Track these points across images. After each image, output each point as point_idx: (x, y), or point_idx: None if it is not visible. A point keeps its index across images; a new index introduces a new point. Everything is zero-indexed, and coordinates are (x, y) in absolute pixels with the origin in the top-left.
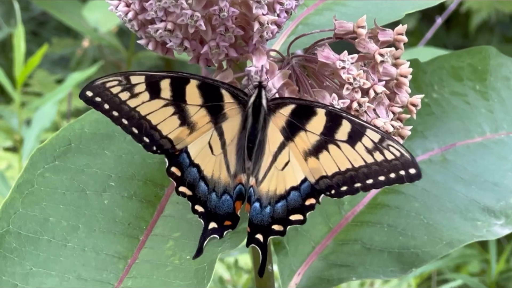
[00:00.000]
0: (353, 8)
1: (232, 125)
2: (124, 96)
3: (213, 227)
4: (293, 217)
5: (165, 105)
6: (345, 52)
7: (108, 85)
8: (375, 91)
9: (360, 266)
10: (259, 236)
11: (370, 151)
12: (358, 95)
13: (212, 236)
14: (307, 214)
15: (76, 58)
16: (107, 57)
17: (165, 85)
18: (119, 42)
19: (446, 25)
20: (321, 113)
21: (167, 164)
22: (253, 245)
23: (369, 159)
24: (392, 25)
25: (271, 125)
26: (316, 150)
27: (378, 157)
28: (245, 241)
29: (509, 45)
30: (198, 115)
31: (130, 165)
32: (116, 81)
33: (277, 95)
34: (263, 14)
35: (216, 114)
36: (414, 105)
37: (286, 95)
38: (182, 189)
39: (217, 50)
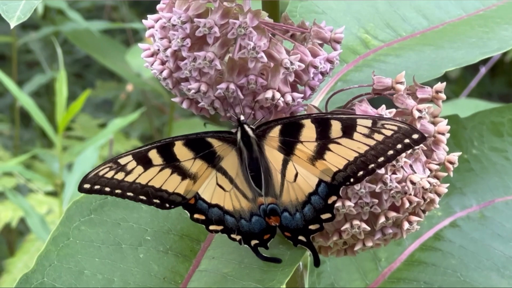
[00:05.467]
0: (393, 65)
1: (230, 162)
2: (120, 176)
3: (256, 243)
4: (323, 216)
5: (161, 170)
6: (383, 106)
7: (101, 173)
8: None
9: None
10: (302, 238)
11: (369, 136)
12: None
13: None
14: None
15: (120, 102)
16: (150, 101)
17: (153, 155)
18: (162, 87)
19: (491, 73)
20: (308, 123)
21: (188, 214)
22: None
23: (371, 142)
24: (434, 81)
25: (267, 148)
26: (319, 154)
27: (379, 137)
28: None
29: None
30: (196, 166)
31: (166, 220)
32: (107, 168)
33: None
34: (294, 88)
35: (212, 159)
36: (451, 163)
37: None
38: (212, 227)
39: (244, 114)
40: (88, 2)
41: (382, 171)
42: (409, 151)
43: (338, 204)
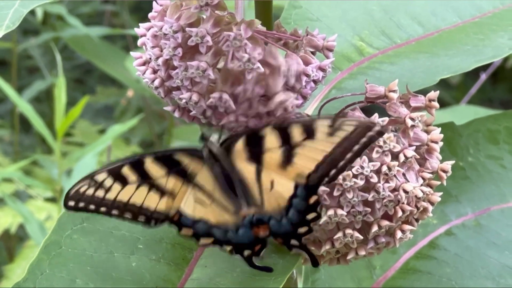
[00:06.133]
0: (388, 73)
1: (204, 177)
2: (100, 193)
3: (249, 254)
4: (309, 216)
5: (138, 187)
6: (376, 114)
7: (81, 190)
8: (405, 156)
9: None
10: (294, 242)
11: (331, 134)
12: (387, 159)
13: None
14: (318, 208)
15: (120, 108)
16: (151, 107)
17: (126, 172)
18: None
19: (492, 79)
20: (268, 131)
21: (176, 229)
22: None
23: (336, 140)
24: (430, 88)
25: (237, 161)
26: (288, 159)
27: (341, 134)
28: None
29: None
30: (170, 182)
31: (159, 228)
32: (85, 184)
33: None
34: (287, 89)
35: (184, 175)
36: (444, 171)
37: None
38: (202, 241)
39: (236, 123)
40: (89, 8)
41: (375, 179)
42: (401, 160)
43: (331, 212)
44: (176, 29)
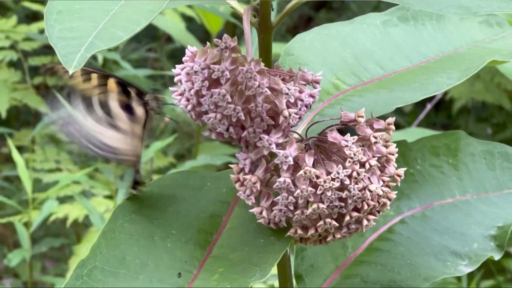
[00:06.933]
0: (357, 103)
1: None
2: None
3: None
4: None
5: None
6: (348, 134)
7: None
8: (369, 164)
9: None
10: None
11: None
12: (357, 167)
13: None
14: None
15: (160, 129)
16: (182, 129)
17: None
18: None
19: (436, 108)
20: None
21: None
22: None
23: None
24: (389, 114)
25: None
26: None
27: None
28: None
29: (481, 123)
30: None
31: (187, 218)
32: None
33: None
34: (288, 107)
35: None
36: (398, 176)
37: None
38: None
39: (254, 134)
40: (136, 55)
41: (347, 182)
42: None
43: (315, 206)
44: (203, 67)
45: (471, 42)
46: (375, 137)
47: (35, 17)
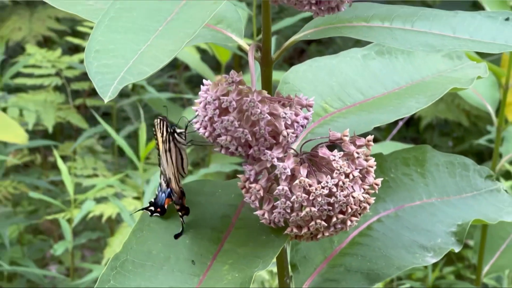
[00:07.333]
0: (342, 123)
1: None
2: None
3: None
4: None
5: None
6: (336, 150)
7: None
8: (353, 175)
9: (342, 281)
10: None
11: None
12: (342, 177)
13: None
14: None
15: None
16: (199, 143)
17: None
18: None
19: (406, 124)
20: None
21: None
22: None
23: None
24: (369, 132)
25: None
26: None
27: None
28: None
29: (444, 137)
30: None
31: (202, 219)
32: None
33: (288, 171)
34: (287, 128)
35: None
36: (376, 184)
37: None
38: None
39: (259, 152)
40: (159, 81)
41: (335, 189)
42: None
43: (307, 209)
44: (215, 98)
45: (436, 72)
46: (358, 153)
47: (76, 49)
